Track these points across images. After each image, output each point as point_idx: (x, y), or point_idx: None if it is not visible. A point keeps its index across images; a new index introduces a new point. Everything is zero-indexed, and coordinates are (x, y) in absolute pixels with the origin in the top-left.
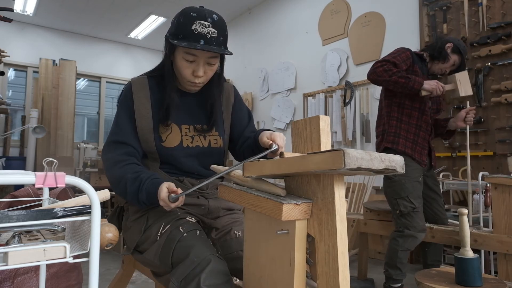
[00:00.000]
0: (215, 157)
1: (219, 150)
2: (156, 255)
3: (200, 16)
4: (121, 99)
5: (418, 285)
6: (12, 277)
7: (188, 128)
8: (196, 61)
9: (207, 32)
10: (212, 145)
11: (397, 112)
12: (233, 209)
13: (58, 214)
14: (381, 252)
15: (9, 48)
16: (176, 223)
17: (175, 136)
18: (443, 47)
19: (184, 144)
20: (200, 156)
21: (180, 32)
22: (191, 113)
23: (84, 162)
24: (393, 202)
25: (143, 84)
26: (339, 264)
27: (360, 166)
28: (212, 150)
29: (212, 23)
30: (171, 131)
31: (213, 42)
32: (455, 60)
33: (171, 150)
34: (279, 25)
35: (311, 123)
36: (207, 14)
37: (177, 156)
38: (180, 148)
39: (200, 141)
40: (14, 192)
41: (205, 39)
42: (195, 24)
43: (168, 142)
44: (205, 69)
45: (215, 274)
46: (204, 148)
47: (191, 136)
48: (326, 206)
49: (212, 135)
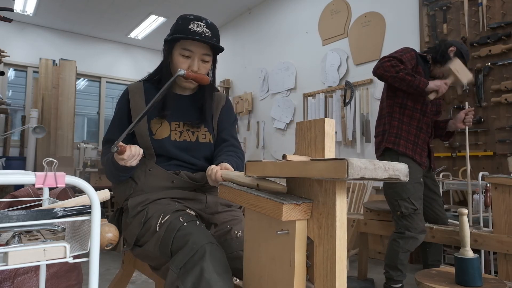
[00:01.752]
0: (204, 151)
1: (208, 145)
2: (156, 246)
3: (196, 18)
4: (118, 102)
5: (418, 285)
6: (12, 277)
7: (178, 124)
8: (192, 57)
9: (202, 31)
10: (200, 139)
11: (398, 113)
12: (231, 205)
13: (58, 214)
14: (381, 252)
15: (9, 48)
16: (175, 214)
17: (165, 129)
18: (446, 50)
19: (172, 138)
20: (189, 150)
21: (178, 31)
22: (183, 112)
23: (84, 162)
24: (394, 204)
25: (138, 87)
26: (336, 269)
27: (363, 176)
28: (200, 145)
29: (206, 25)
30: (160, 125)
31: (207, 40)
32: None
33: (161, 142)
34: (279, 25)
35: (316, 126)
36: (202, 18)
37: (168, 147)
38: (168, 140)
39: (188, 136)
40: (14, 192)
41: (200, 36)
42: (191, 24)
43: (158, 134)
44: (199, 66)
45: (217, 262)
46: (192, 143)
47: (180, 131)
48: (327, 210)
49: (201, 131)
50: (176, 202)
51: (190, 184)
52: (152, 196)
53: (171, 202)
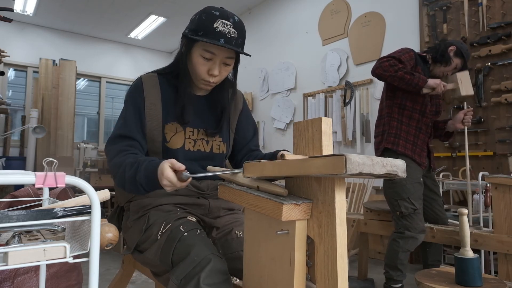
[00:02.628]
0: (217, 162)
1: (221, 155)
2: (156, 255)
3: (222, 15)
4: (131, 94)
5: (418, 285)
6: (12, 277)
7: (192, 131)
8: (213, 60)
9: (228, 32)
10: (214, 150)
11: (397, 114)
12: (234, 209)
13: (58, 214)
14: (381, 252)
15: (9, 48)
16: (176, 222)
17: (179, 138)
18: (446, 50)
19: (186, 147)
20: (201, 160)
21: (201, 28)
22: (199, 117)
23: (84, 162)
24: (394, 203)
25: (154, 82)
26: (338, 267)
27: (362, 172)
28: (213, 156)
29: (233, 24)
30: (176, 132)
31: (233, 43)
32: (457, 64)
33: (174, 152)
34: (279, 25)
35: (313, 125)
36: (229, 15)
37: (180, 158)
38: (182, 150)
39: (202, 146)
40: (14, 192)
41: (225, 38)
42: (217, 22)
43: (172, 143)
44: (221, 69)
45: (215, 273)
46: (206, 153)
47: (194, 140)
48: (326, 209)
49: (215, 141)
50: (178, 208)
51: (194, 192)
52: (155, 201)
53: (173, 208)
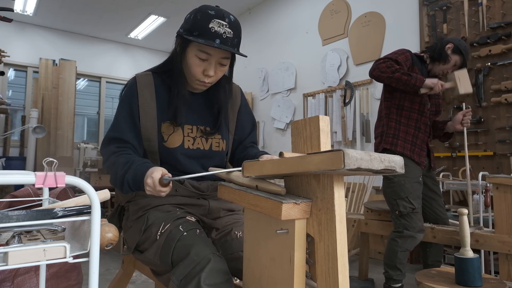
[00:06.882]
0: (216, 160)
1: (221, 153)
2: (156, 255)
3: (218, 15)
4: (124, 95)
5: (418, 285)
6: (12, 277)
7: (191, 128)
8: (209, 60)
9: (223, 32)
10: (213, 148)
11: (395, 114)
12: (234, 210)
13: (58, 214)
14: (381, 252)
15: (9, 48)
16: (175, 222)
17: (177, 136)
18: (443, 48)
19: (185, 145)
20: (201, 158)
21: (196, 29)
22: (197, 114)
23: (84, 162)
24: (393, 203)
25: (148, 81)
26: (338, 264)
27: (360, 167)
28: (213, 153)
29: (229, 24)
30: (173, 131)
31: (228, 43)
32: (456, 61)
33: (173, 151)
34: (279, 25)
35: (310, 123)
36: (225, 14)
37: (178, 157)
38: (181, 149)
39: (201, 144)
40: (14, 192)
41: (221, 39)
42: (212, 22)
43: (170, 142)
44: (216, 69)
45: (215, 273)
46: (205, 151)
47: (193, 137)
48: (326, 206)
49: (215, 138)
50: (177, 208)
51: (194, 193)
52: (154, 201)
53: (172, 208)
